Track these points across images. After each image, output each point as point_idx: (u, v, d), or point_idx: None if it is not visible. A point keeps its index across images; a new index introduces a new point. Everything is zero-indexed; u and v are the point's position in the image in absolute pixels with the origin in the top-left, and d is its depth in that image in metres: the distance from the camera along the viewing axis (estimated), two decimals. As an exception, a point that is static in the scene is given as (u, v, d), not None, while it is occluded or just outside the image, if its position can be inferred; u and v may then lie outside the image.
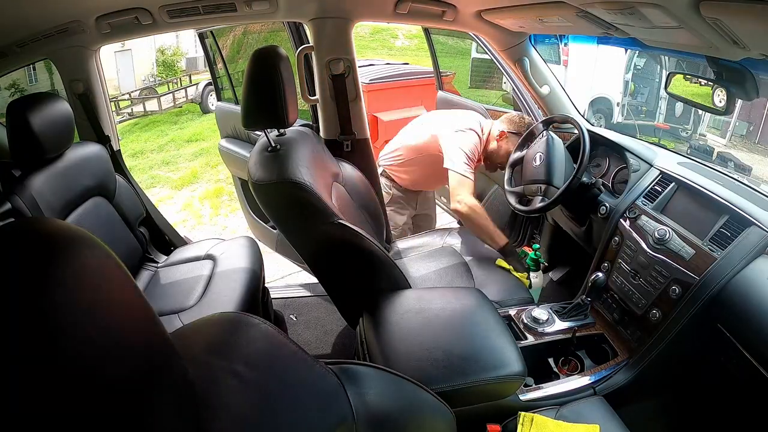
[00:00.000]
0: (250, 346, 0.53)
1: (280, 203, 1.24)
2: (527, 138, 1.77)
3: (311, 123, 1.97)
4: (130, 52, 12.49)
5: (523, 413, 1.08)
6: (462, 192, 1.71)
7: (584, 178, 1.55)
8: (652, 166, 1.48)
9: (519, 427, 1.06)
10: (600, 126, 1.94)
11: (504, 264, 1.69)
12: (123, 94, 11.01)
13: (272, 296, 1.87)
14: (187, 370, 0.41)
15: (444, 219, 2.65)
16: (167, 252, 1.95)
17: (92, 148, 1.69)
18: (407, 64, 5.69)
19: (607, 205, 1.52)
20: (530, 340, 1.37)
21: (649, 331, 1.26)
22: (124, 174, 1.91)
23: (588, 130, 1.65)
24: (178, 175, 6.32)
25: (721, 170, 1.44)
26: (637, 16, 0.99)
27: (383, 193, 1.98)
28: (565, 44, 5.27)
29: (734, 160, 4.73)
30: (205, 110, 9.76)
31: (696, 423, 1.26)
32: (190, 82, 11.69)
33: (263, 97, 1.21)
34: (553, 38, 4.97)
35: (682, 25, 0.93)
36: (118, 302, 0.35)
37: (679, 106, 5.31)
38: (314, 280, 2.08)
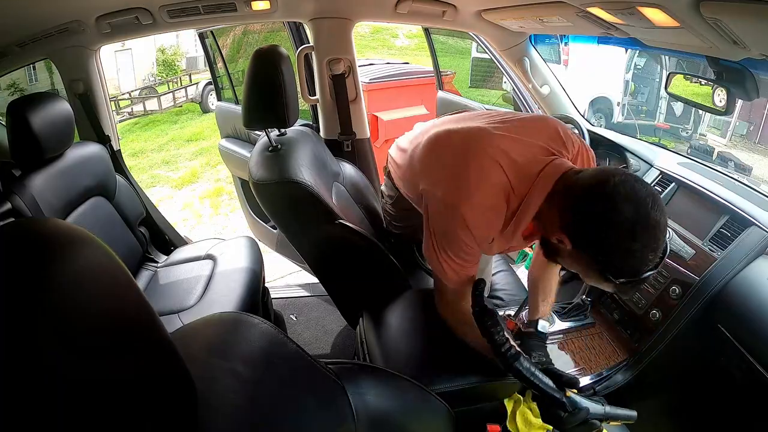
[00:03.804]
0: (250, 346, 0.53)
1: (280, 203, 1.24)
2: None
3: (311, 123, 1.98)
4: (130, 52, 12.47)
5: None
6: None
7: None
8: (652, 166, 1.48)
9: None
10: (600, 126, 1.94)
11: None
12: (123, 94, 11.00)
13: (272, 296, 1.87)
14: (188, 369, 0.41)
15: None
16: (167, 252, 1.95)
17: (92, 148, 1.69)
18: (407, 63, 5.68)
19: (608, 205, 1.52)
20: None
21: (649, 331, 1.26)
22: (124, 174, 1.91)
23: (588, 131, 1.65)
24: (178, 174, 6.32)
25: (721, 170, 1.44)
26: (637, 16, 0.99)
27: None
28: (566, 44, 5.26)
29: (734, 160, 4.73)
30: (205, 110, 9.76)
31: (696, 423, 1.26)
32: (190, 81, 11.67)
33: (264, 96, 1.21)
34: (553, 38, 4.97)
35: (682, 25, 0.93)
36: (118, 302, 0.35)
37: (679, 106, 5.31)
38: (314, 280, 2.08)
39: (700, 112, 4.87)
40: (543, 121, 1.06)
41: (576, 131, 1.61)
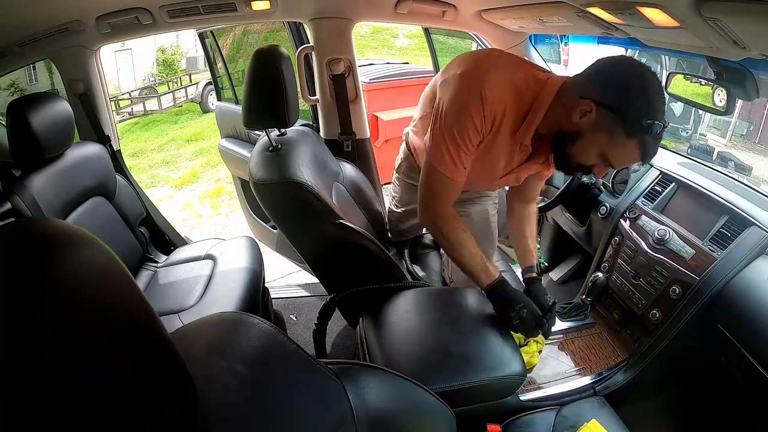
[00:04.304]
0: (250, 346, 0.53)
1: (280, 203, 1.24)
2: None
3: (311, 123, 1.98)
4: (130, 52, 12.47)
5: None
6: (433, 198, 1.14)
7: (584, 179, 1.55)
8: (652, 166, 1.48)
9: None
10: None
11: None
12: (123, 94, 11.00)
13: (272, 296, 1.87)
14: (188, 369, 0.41)
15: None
16: (167, 252, 1.95)
17: (92, 148, 1.69)
18: (407, 63, 5.68)
19: (608, 205, 1.52)
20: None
21: (649, 331, 1.26)
22: (124, 174, 1.91)
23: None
24: (178, 174, 6.31)
25: (721, 170, 1.44)
26: (637, 16, 0.99)
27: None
28: (566, 44, 5.25)
29: (734, 160, 4.72)
30: (205, 110, 9.75)
31: (696, 423, 1.26)
32: (190, 81, 11.67)
33: (265, 96, 1.21)
34: (553, 38, 4.96)
35: (682, 25, 0.93)
36: (118, 302, 0.35)
37: (679, 106, 5.30)
38: (314, 280, 2.08)
39: (700, 112, 4.86)
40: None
41: None
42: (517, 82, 1.03)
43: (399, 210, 1.55)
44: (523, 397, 1.21)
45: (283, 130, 1.34)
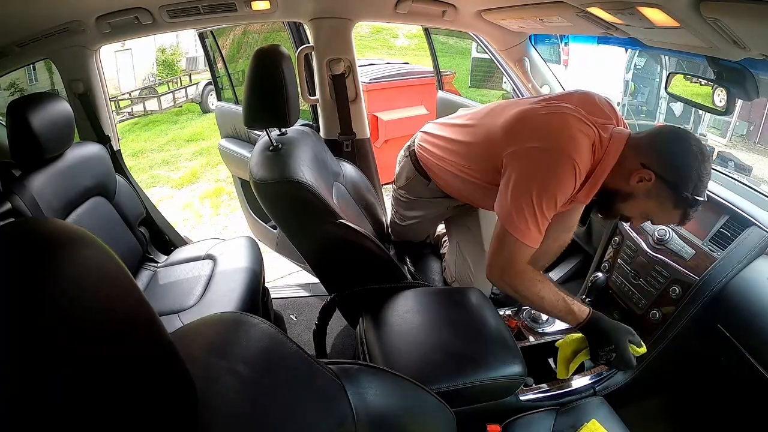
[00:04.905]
0: (250, 346, 0.53)
1: (281, 202, 1.24)
2: None
3: (311, 123, 1.98)
4: (130, 52, 12.48)
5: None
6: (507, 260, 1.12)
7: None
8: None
9: None
10: (600, 126, 1.94)
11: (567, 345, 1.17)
12: (123, 94, 11.00)
13: (272, 296, 1.87)
14: (188, 369, 0.41)
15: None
16: (167, 252, 1.95)
17: (92, 148, 1.69)
18: (407, 63, 5.68)
19: (608, 205, 1.51)
20: (530, 340, 1.37)
21: (649, 331, 1.26)
22: (124, 174, 1.91)
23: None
24: (178, 174, 6.31)
25: (721, 170, 1.44)
26: (637, 16, 0.99)
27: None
28: (566, 44, 5.25)
29: (734, 160, 4.73)
30: (205, 110, 9.76)
31: (696, 423, 1.26)
32: (190, 81, 11.67)
33: (265, 95, 1.21)
34: (553, 38, 4.96)
35: (682, 25, 0.93)
36: (119, 302, 0.35)
37: (679, 106, 5.30)
38: (314, 280, 2.08)
39: (700, 112, 4.87)
40: (591, 96, 1.20)
41: None
42: (594, 142, 1.08)
43: (403, 224, 1.56)
44: (523, 397, 1.21)
45: (283, 130, 1.34)
